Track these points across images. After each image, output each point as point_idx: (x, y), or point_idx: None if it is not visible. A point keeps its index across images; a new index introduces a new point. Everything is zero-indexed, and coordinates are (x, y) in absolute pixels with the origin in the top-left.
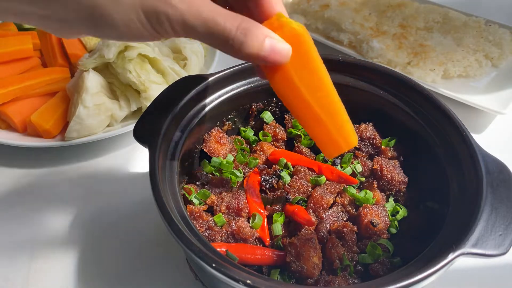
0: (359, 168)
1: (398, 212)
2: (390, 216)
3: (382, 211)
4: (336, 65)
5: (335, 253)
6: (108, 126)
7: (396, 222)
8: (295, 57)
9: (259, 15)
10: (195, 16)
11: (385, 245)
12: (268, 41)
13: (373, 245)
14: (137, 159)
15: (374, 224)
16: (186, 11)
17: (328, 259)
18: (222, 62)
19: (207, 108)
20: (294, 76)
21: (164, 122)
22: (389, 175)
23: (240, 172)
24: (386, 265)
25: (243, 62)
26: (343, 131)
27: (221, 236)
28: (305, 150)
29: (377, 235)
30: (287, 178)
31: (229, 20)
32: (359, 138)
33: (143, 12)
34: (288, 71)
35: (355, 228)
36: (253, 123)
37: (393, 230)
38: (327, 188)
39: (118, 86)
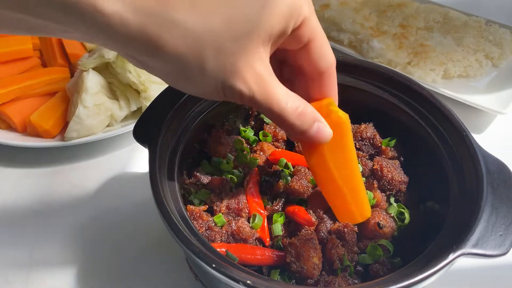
0: (359, 168)
1: (403, 216)
2: (398, 221)
3: (389, 218)
4: (336, 65)
5: (335, 254)
6: (108, 126)
7: (399, 222)
8: (333, 139)
9: (313, 93)
10: (264, 97)
11: (386, 246)
12: (316, 125)
13: (374, 246)
14: (137, 159)
15: (381, 226)
16: (257, 92)
17: (328, 260)
18: None
19: (207, 108)
20: (327, 154)
21: (164, 122)
22: (389, 175)
23: (240, 172)
24: (387, 266)
25: None
26: (360, 205)
27: (221, 237)
28: None
29: (381, 237)
30: (287, 178)
31: (291, 103)
32: (360, 138)
33: (222, 86)
34: (323, 148)
35: (356, 229)
36: (253, 123)
37: (395, 232)
38: None
39: (118, 86)
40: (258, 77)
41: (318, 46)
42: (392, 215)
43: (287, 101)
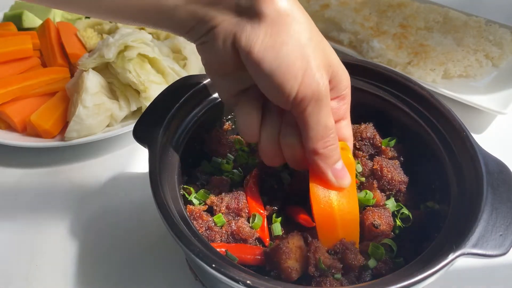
0: (359, 168)
1: (404, 215)
2: (398, 218)
3: (385, 213)
4: None
5: (312, 258)
6: (107, 126)
7: (400, 222)
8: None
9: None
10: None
11: (389, 245)
12: (341, 163)
13: (375, 245)
14: (137, 159)
15: (376, 225)
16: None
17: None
18: None
19: (207, 108)
20: (334, 195)
21: (164, 122)
22: (389, 175)
23: (240, 172)
24: (389, 265)
25: None
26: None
27: (221, 237)
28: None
29: (381, 237)
30: (287, 178)
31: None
32: (360, 138)
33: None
34: (331, 193)
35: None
36: None
37: (396, 231)
38: None
39: (118, 86)
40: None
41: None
42: (389, 210)
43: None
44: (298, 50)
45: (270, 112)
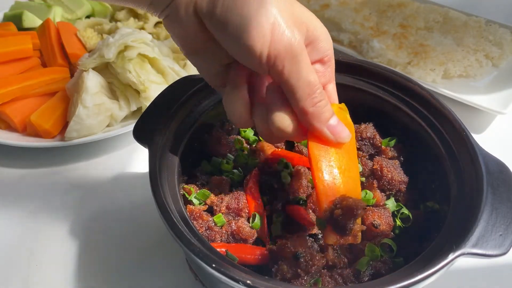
0: (359, 168)
1: (401, 212)
2: (398, 218)
3: (385, 213)
4: (336, 65)
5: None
6: (107, 126)
7: (400, 222)
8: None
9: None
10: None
11: (389, 245)
12: (335, 119)
13: (371, 246)
14: (137, 159)
15: (376, 225)
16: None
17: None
18: None
19: (207, 108)
20: (334, 153)
21: (164, 122)
22: (389, 175)
23: (240, 172)
24: (389, 265)
25: None
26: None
27: (221, 236)
28: (305, 150)
29: (381, 237)
30: (287, 178)
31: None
32: (360, 138)
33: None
34: (331, 149)
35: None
36: None
37: (396, 231)
38: None
39: (118, 86)
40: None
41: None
42: (389, 210)
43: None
44: (263, 7)
45: (258, 93)
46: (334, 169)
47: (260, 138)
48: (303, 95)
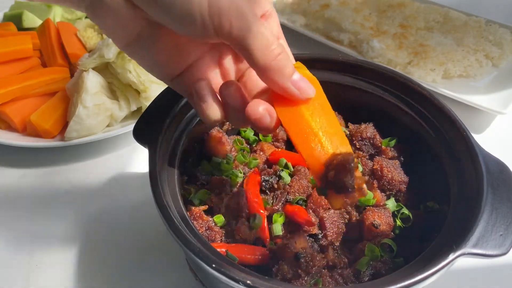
0: (359, 168)
1: (401, 212)
2: (398, 218)
3: (385, 213)
4: (336, 65)
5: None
6: (107, 126)
7: (400, 222)
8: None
9: None
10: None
11: (389, 245)
12: (298, 74)
13: (371, 247)
14: (137, 159)
15: (376, 225)
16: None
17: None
18: None
19: None
20: (305, 112)
21: (164, 122)
22: (389, 175)
23: (240, 172)
24: (389, 265)
25: None
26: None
27: (221, 236)
28: None
29: (381, 237)
30: (287, 178)
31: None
32: (360, 138)
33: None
34: (301, 108)
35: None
36: None
37: (396, 231)
38: None
39: (118, 86)
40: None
41: None
42: (388, 210)
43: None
44: None
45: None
46: (314, 130)
47: (260, 138)
48: (260, 48)
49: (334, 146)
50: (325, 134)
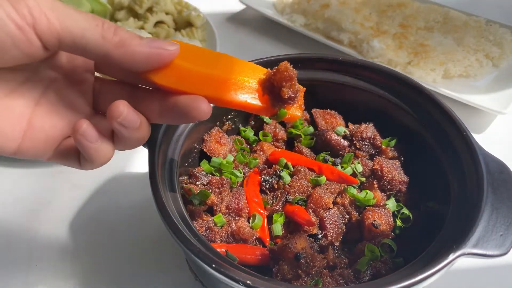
0: (359, 168)
1: (401, 212)
2: (398, 218)
3: (385, 213)
4: (336, 65)
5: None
6: None
7: (400, 222)
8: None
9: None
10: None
11: (389, 245)
12: (149, 39)
13: (371, 247)
14: (137, 159)
15: (376, 225)
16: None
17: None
18: None
19: None
20: (185, 63)
21: None
22: (389, 175)
23: (240, 172)
24: (389, 265)
25: None
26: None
27: (221, 237)
28: (305, 150)
29: (381, 237)
30: (287, 178)
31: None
32: (360, 138)
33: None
34: (178, 62)
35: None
36: (253, 123)
37: (396, 231)
38: (327, 188)
39: None
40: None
41: None
42: (389, 210)
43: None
44: None
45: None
46: (193, 66)
47: (260, 138)
48: (91, 27)
49: (239, 71)
50: (220, 67)
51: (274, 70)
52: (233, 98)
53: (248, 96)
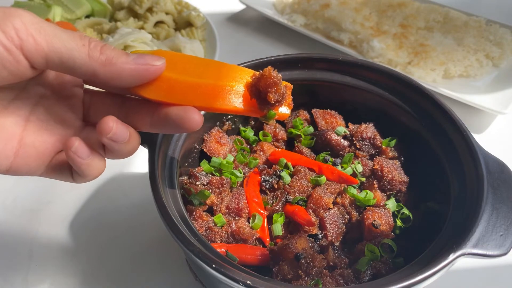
0: (359, 168)
1: (401, 212)
2: (398, 218)
3: (385, 213)
4: (336, 65)
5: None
6: None
7: (400, 222)
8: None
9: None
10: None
11: (389, 245)
12: (136, 55)
13: (371, 247)
14: (137, 159)
15: (376, 225)
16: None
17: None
18: None
19: None
20: (172, 75)
21: None
22: (389, 175)
23: (240, 172)
24: (389, 265)
25: (242, 62)
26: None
27: (221, 237)
28: (305, 150)
29: (381, 237)
30: (287, 178)
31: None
32: (360, 138)
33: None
34: (164, 75)
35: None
36: (253, 123)
37: (396, 231)
38: (327, 188)
39: None
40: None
41: None
42: (389, 210)
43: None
44: None
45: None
46: (180, 76)
47: (260, 138)
48: (77, 47)
49: (230, 77)
50: (208, 74)
51: (259, 76)
52: (222, 105)
53: (236, 101)
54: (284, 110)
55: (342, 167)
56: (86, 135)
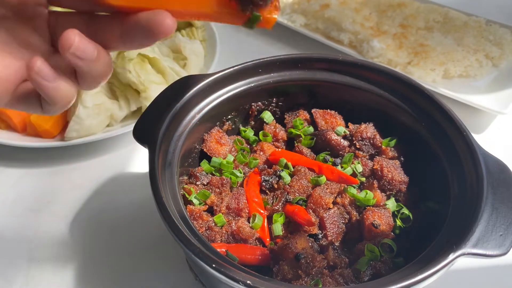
0: (359, 168)
1: (401, 212)
2: (398, 218)
3: (385, 213)
4: (336, 65)
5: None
6: (107, 126)
7: (400, 222)
8: None
9: None
10: None
11: (389, 245)
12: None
13: (371, 247)
14: (137, 159)
15: (375, 225)
16: None
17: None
18: (222, 62)
19: (207, 108)
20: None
21: (164, 122)
22: (389, 175)
23: (240, 172)
24: (389, 265)
25: (243, 62)
26: None
27: (221, 237)
28: (305, 150)
29: (381, 237)
30: (287, 178)
31: None
32: (360, 138)
33: None
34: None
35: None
36: (253, 123)
37: (396, 231)
38: (327, 188)
39: (118, 86)
40: None
41: None
42: (389, 210)
43: None
44: None
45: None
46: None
47: (260, 138)
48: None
49: None
50: None
51: None
52: (197, 9)
53: (213, 3)
54: (271, 13)
55: (342, 167)
56: (55, 61)
